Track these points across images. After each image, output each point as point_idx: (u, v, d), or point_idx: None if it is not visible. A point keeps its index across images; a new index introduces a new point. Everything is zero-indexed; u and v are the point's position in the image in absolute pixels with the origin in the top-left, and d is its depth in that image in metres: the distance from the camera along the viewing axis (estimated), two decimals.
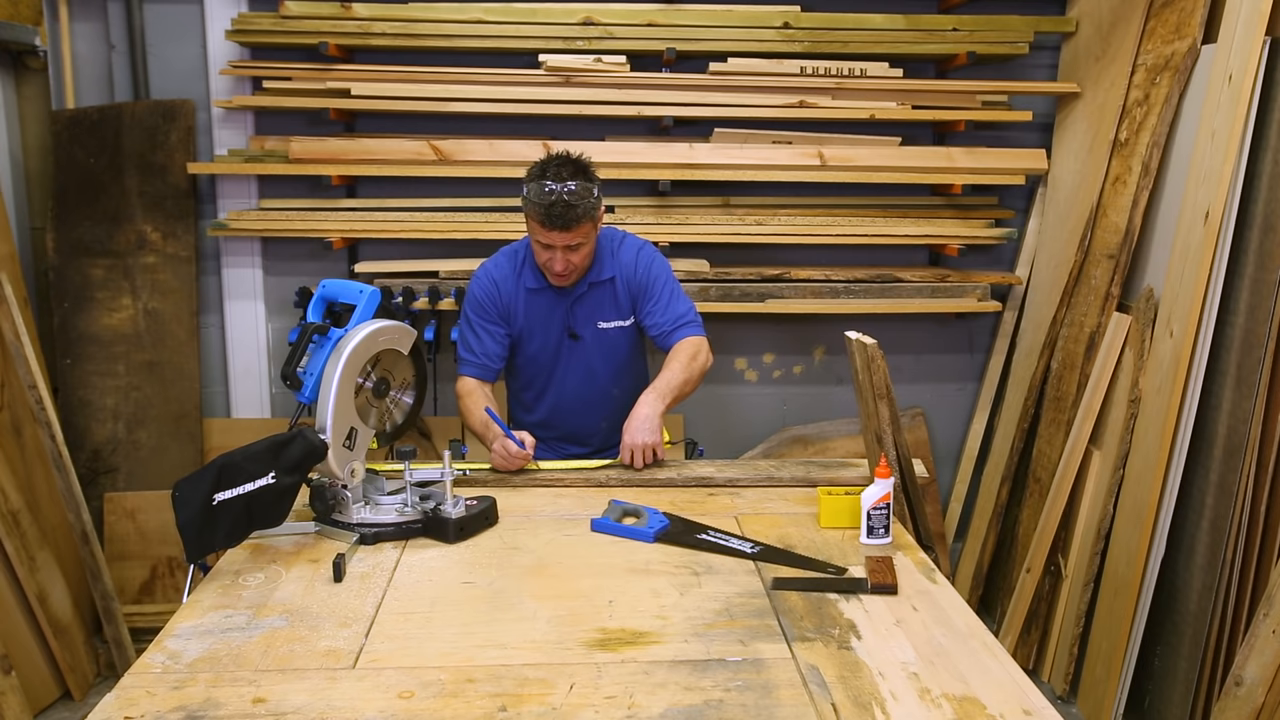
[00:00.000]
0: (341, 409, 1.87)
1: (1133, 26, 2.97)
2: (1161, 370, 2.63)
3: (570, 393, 2.49)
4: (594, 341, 2.46)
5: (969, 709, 1.32)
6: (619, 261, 2.44)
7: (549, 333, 2.45)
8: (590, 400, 2.50)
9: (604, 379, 2.49)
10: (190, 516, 1.67)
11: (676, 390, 2.32)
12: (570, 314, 2.43)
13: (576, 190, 2.21)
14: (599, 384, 2.49)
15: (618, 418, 2.43)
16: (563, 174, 2.23)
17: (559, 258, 2.29)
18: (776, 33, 3.11)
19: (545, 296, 2.43)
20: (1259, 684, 2.07)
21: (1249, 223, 2.45)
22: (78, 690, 2.97)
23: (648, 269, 2.45)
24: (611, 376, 2.50)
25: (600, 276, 2.43)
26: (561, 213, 2.20)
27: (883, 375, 2.12)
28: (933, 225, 3.24)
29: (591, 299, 2.44)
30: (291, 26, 3.03)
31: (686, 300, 2.47)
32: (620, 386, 2.50)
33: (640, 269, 2.44)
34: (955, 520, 3.53)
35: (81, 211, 3.18)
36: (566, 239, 2.25)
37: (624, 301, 2.45)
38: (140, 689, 1.37)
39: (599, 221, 2.34)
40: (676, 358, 2.37)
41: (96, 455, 3.22)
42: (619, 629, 1.54)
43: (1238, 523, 2.43)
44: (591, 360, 2.47)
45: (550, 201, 2.20)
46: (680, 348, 2.39)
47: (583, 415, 2.52)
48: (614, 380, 2.51)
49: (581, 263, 2.34)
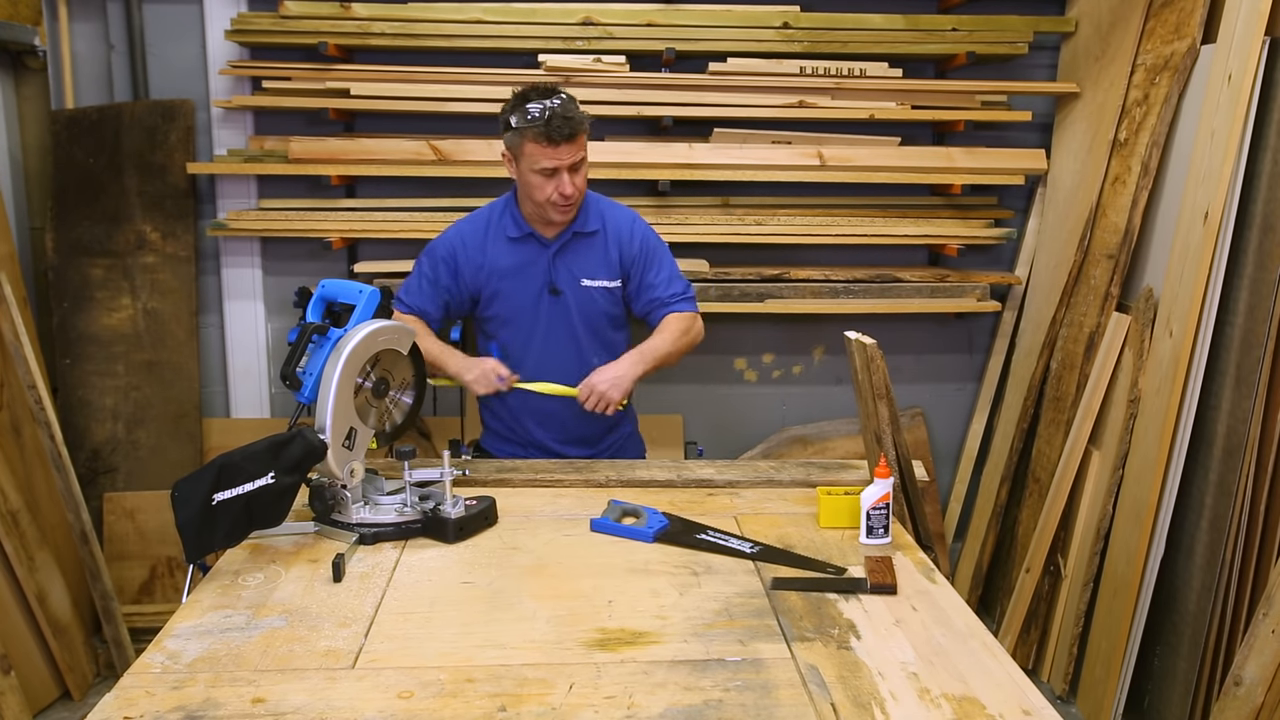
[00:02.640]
0: (341, 409, 1.87)
1: (1132, 26, 2.97)
2: (1161, 370, 2.63)
3: (550, 359, 2.35)
4: (576, 300, 2.34)
5: (968, 709, 1.32)
6: (609, 220, 2.35)
7: (528, 288, 2.33)
8: (569, 370, 2.33)
9: (586, 345, 2.36)
10: (189, 516, 1.67)
11: (660, 359, 2.28)
12: (552, 266, 2.32)
13: (564, 100, 2.16)
14: (580, 352, 2.35)
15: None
16: (545, 95, 2.17)
17: (567, 180, 2.19)
18: (776, 33, 3.11)
19: (526, 247, 2.33)
20: (1258, 684, 2.07)
21: (1248, 222, 2.46)
22: (77, 690, 2.97)
23: (645, 238, 2.37)
24: (594, 343, 2.37)
25: (586, 227, 2.33)
26: (562, 124, 2.13)
27: (882, 375, 2.12)
28: (932, 225, 3.24)
29: (576, 251, 2.33)
30: (291, 26, 3.03)
31: (676, 270, 2.41)
32: (602, 358, 2.35)
33: (638, 237, 2.37)
34: (955, 520, 3.54)
35: (81, 211, 3.18)
36: (572, 150, 2.17)
37: (613, 260, 2.35)
38: (139, 689, 1.37)
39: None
40: (669, 328, 2.32)
41: (96, 455, 3.22)
42: (618, 629, 1.54)
43: (1237, 522, 2.43)
44: (573, 321, 2.34)
45: (549, 116, 2.13)
46: (673, 319, 2.34)
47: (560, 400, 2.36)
48: (596, 348, 2.37)
49: (584, 186, 2.26)
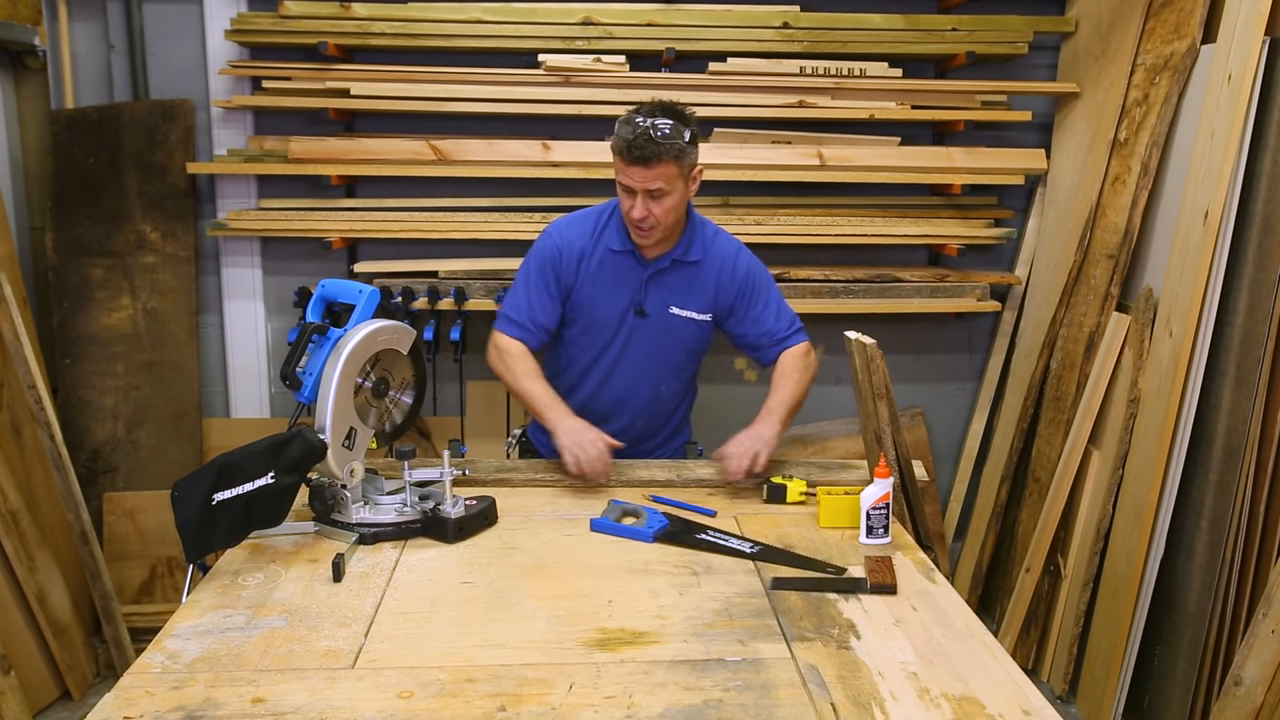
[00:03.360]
0: (341, 409, 1.87)
1: (1132, 26, 2.97)
2: (1161, 370, 2.63)
3: (619, 379, 2.32)
4: (661, 325, 2.28)
5: (968, 709, 1.32)
6: (712, 250, 2.29)
7: (616, 304, 2.28)
8: (637, 392, 2.33)
9: (660, 371, 2.33)
10: (189, 516, 1.67)
11: (794, 408, 2.20)
12: (644, 288, 2.26)
13: (663, 126, 2.08)
14: (652, 375, 2.33)
15: (655, 422, 2.35)
16: (655, 112, 2.11)
17: (639, 203, 2.12)
18: (776, 32, 3.11)
19: (624, 262, 2.26)
20: (1258, 683, 2.07)
21: (1248, 222, 2.46)
22: (77, 690, 2.97)
23: (751, 270, 2.30)
24: (668, 370, 2.34)
25: (687, 256, 2.26)
26: (643, 145, 2.06)
27: (882, 375, 2.12)
28: (932, 225, 3.24)
29: (672, 277, 2.27)
30: (291, 26, 3.03)
31: (784, 302, 2.34)
32: (670, 386, 2.35)
33: (742, 268, 2.29)
34: (955, 520, 3.54)
35: (81, 211, 3.18)
36: (647, 177, 2.09)
37: (708, 294, 2.29)
38: (139, 689, 1.37)
39: (691, 178, 2.18)
40: (791, 371, 2.25)
41: (96, 455, 3.22)
42: (618, 629, 1.54)
43: (1237, 522, 2.43)
44: (652, 346, 2.30)
45: (635, 135, 2.07)
46: (789, 357, 2.28)
47: (622, 409, 2.35)
48: (668, 375, 2.34)
49: (664, 217, 2.15)
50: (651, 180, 2.10)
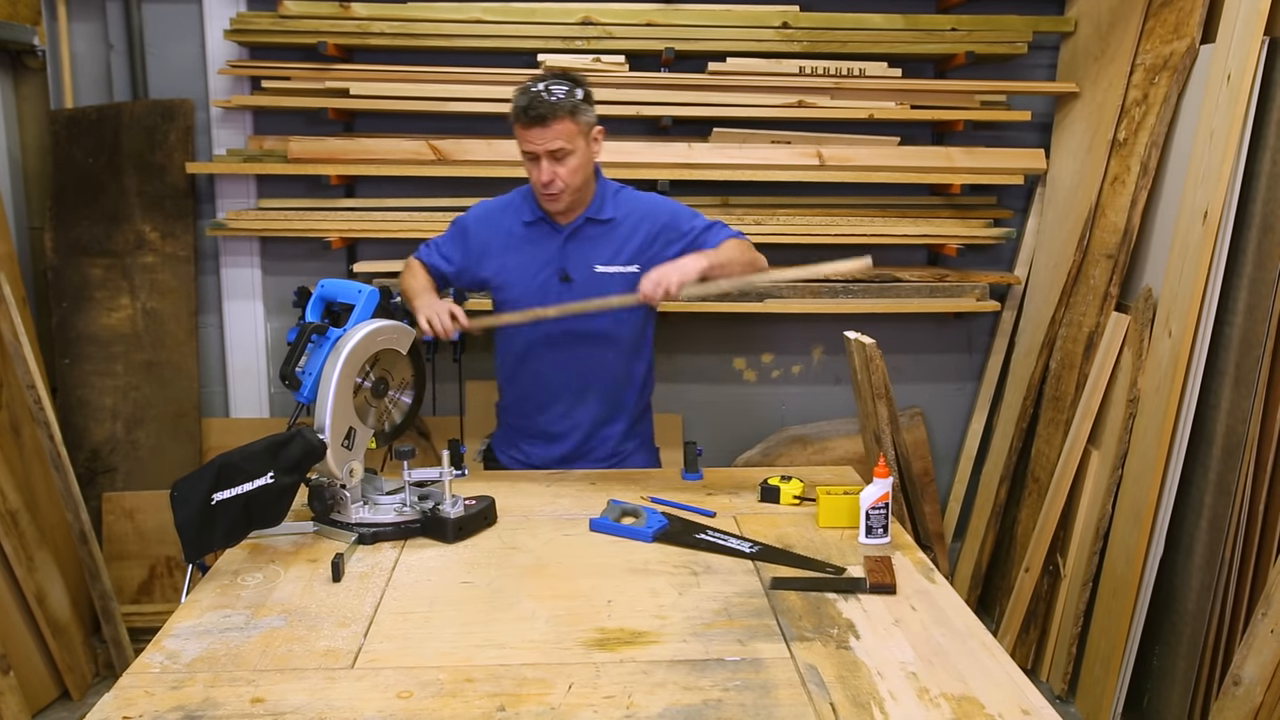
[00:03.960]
0: (340, 409, 1.87)
1: (1131, 26, 2.97)
2: (1160, 370, 2.63)
3: (557, 351, 2.29)
4: (588, 286, 2.24)
5: (967, 708, 1.32)
6: (624, 204, 2.29)
7: (536, 274, 2.27)
8: (581, 366, 2.29)
9: (596, 337, 2.28)
10: (189, 516, 1.67)
11: (721, 261, 2.13)
12: (563, 252, 2.26)
13: (555, 88, 2.11)
14: (592, 342, 2.28)
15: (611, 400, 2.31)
16: (546, 78, 2.15)
17: (544, 167, 2.14)
18: (775, 32, 3.11)
19: (538, 232, 2.28)
20: (1257, 683, 2.07)
21: (1247, 222, 2.46)
22: (76, 690, 2.97)
23: (668, 205, 2.32)
24: (604, 335, 2.28)
25: (601, 215, 2.27)
26: (537, 105, 2.09)
27: (881, 375, 2.12)
28: (931, 225, 3.24)
29: (587, 237, 2.27)
30: (290, 26, 3.03)
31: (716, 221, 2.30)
32: (616, 350, 2.30)
33: (661, 207, 2.30)
34: (954, 520, 3.54)
35: (80, 211, 3.18)
36: (545, 137, 2.11)
37: (632, 245, 2.26)
38: (138, 689, 1.37)
39: (588, 136, 2.18)
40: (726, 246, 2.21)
41: (95, 455, 3.22)
42: (618, 629, 1.54)
43: (1236, 522, 2.43)
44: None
45: (529, 100, 2.11)
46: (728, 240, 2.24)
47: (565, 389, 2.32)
48: (607, 341, 2.29)
49: (570, 178, 2.16)
50: (551, 140, 2.12)
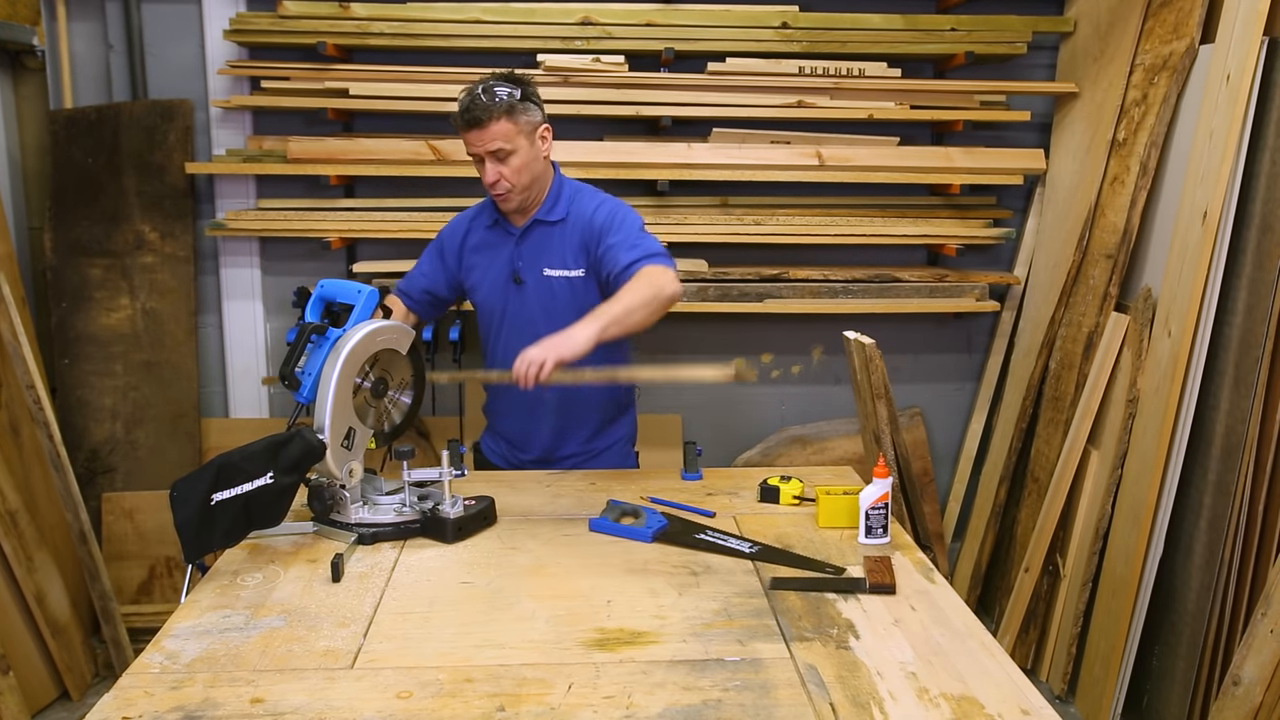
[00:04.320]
0: (339, 409, 1.87)
1: (1131, 26, 2.98)
2: (1159, 370, 2.63)
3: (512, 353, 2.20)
4: (539, 289, 2.25)
5: (967, 709, 1.32)
6: (576, 207, 2.25)
7: (496, 277, 2.30)
8: None
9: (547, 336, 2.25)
10: (188, 516, 1.67)
11: (618, 317, 1.97)
12: (516, 253, 2.27)
13: (494, 89, 2.10)
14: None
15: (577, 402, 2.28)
16: (486, 80, 2.13)
17: (487, 168, 2.14)
18: (775, 32, 3.11)
19: (496, 235, 2.30)
20: (1257, 683, 2.07)
21: (1247, 222, 2.46)
22: (75, 690, 2.97)
23: (611, 213, 2.22)
24: None
25: (550, 216, 2.25)
26: (474, 108, 2.09)
27: (881, 375, 2.12)
28: (931, 225, 3.24)
29: (538, 239, 2.25)
30: (290, 26, 3.03)
31: (651, 241, 2.17)
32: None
33: (602, 213, 2.22)
34: (954, 520, 3.54)
35: (79, 211, 3.17)
36: (484, 139, 2.11)
37: (574, 248, 2.23)
38: (138, 689, 1.37)
39: (533, 135, 2.15)
40: (630, 284, 2.05)
41: (94, 455, 3.22)
42: (617, 629, 1.54)
43: (1236, 522, 2.43)
44: (533, 313, 2.24)
45: (466, 102, 2.11)
46: (636, 277, 2.07)
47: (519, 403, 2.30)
48: None
49: (514, 178, 2.15)
50: (489, 141, 2.12)
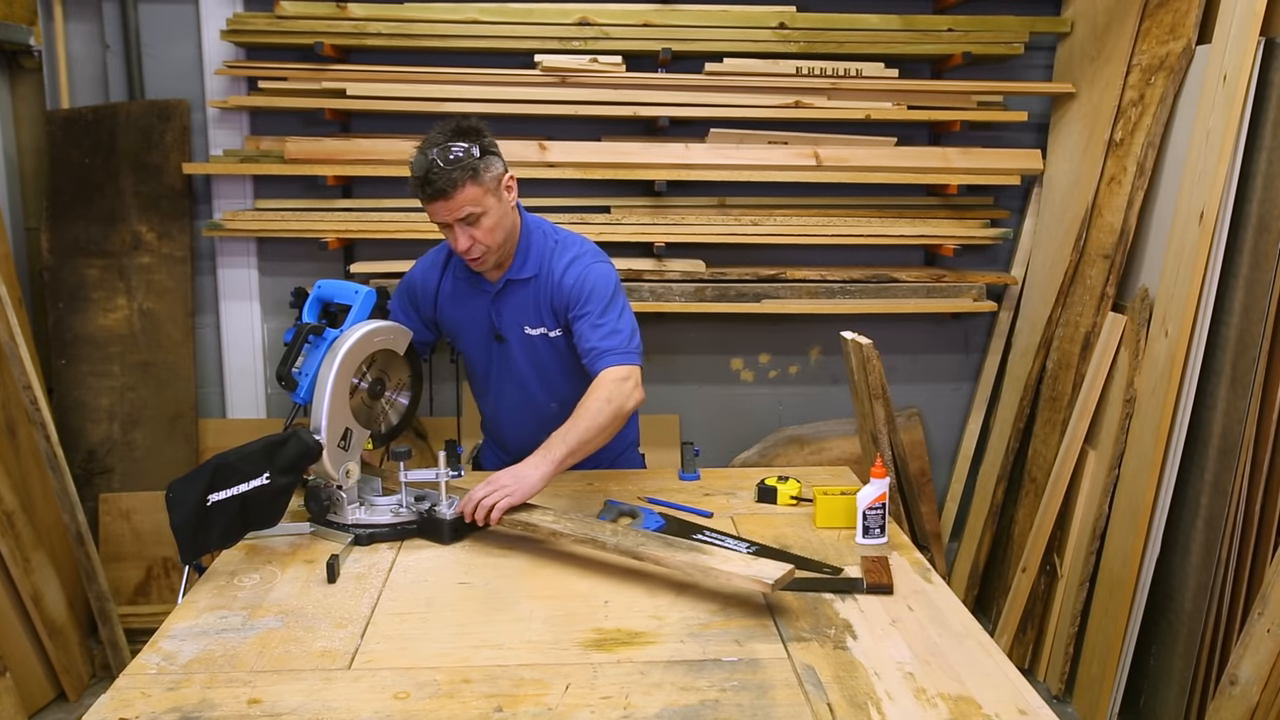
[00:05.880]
0: (336, 409, 1.87)
1: (1127, 27, 2.98)
2: (1156, 370, 2.64)
3: (507, 402, 2.26)
4: (520, 347, 2.18)
5: (964, 708, 1.32)
6: (546, 263, 2.13)
7: (478, 331, 2.22)
8: (528, 413, 2.23)
9: (537, 391, 2.22)
10: (185, 517, 1.67)
11: (574, 445, 1.91)
12: (494, 312, 2.18)
13: (452, 150, 1.93)
14: (533, 396, 2.22)
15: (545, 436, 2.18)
16: (438, 139, 1.97)
17: (458, 235, 2.01)
18: (772, 33, 3.11)
19: (473, 289, 2.19)
20: (1254, 683, 2.07)
21: (1244, 223, 2.46)
22: (73, 691, 2.96)
23: (578, 280, 2.09)
24: (545, 390, 2.21)
25: (520, 274, 2.13)
26: (434, 179, 1.92)
27: (878, 375, 2.13)
28: (928, 225, 3.24)
29: (513, 298, 2.16)
30: (287, 27, 3.02)
31: (620, 318, 2.08)
32: (559, 400, 2.15)
33: (569, 280, 2.09)
34: (951, 520, 3.54)
35: (76, 212, 3.17)
36: (451, 209, 1.96)
37: (545, 310, 2.14)
38: (135, 690, 1.37)
39: (499, 190, 2.02)
40: (584, 402, 1.97)
41: (91, 456, 3.21)
42: (615, 629, 1.54)
43: (1233, 522, 2.44)
44: (520, 368, 2.20)
45: (425, 171, 1.93)
46: (594, 386, 2.00)
47: (523, 429, 2.22)
48: (549, 394, 2.21)
49: (488, 239, 2.02)
50: (457, 209, 1.97)
